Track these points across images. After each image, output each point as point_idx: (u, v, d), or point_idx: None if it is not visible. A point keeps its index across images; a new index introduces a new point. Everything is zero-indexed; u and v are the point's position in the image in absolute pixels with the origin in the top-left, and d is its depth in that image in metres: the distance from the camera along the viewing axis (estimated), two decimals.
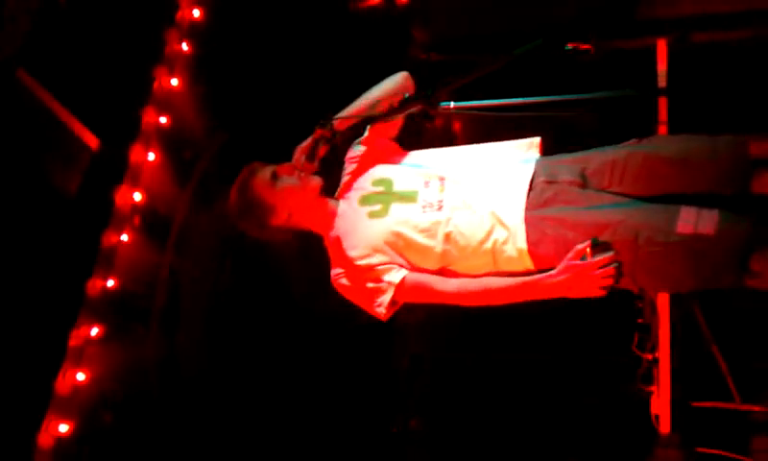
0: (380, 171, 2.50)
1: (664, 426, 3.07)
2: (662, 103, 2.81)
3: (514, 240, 2.23)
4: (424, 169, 2.44)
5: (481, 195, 2.31)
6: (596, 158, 2.33)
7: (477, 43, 3.37)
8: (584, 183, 2.28)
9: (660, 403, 3.07)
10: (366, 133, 2.61)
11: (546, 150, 2.45)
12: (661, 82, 2.91)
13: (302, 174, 2.42)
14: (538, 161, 2.37)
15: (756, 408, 3.01)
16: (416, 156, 2.56)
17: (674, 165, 2.20)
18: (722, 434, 3.05)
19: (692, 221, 2.04)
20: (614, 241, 2.09)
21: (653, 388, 3.11)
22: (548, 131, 2.45)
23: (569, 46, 2.26)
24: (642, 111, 2.83)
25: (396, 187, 2.43)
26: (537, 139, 2.45)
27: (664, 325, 3.07)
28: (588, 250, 2.09)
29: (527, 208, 2.24)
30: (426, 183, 2.39)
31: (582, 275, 2.09)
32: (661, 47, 2.99)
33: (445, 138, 3.14)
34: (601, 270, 2.07)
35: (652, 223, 2.08)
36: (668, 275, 2.12)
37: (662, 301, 3.06)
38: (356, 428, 3.55)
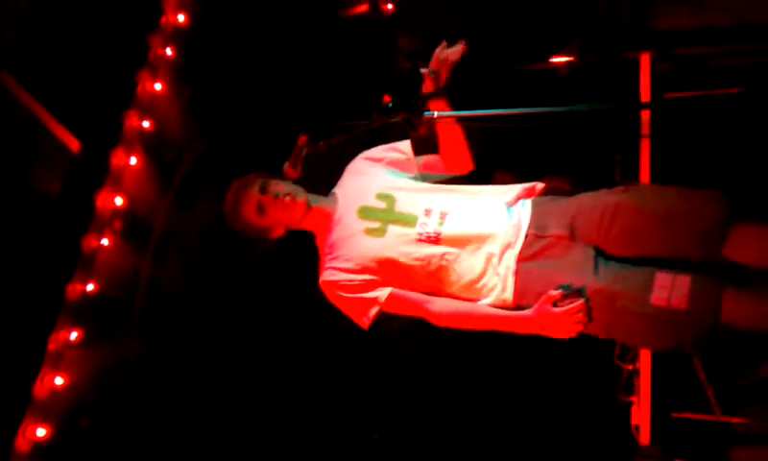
0: (386, 182, 2.57)
1: (644, 437, 3.09)
2: (645, 116, 2.84)
3: (503, 289, 2.34)
4: (428, 197, 2.50)
5: (479, 237, 2.39)
6: (585, 210, 2.38)
7: (463, 53, 3.38)
8: (571, 236, 2.35)
9: (641, 414, 3.09)
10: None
11: (532, 164, 2.47)
12: (644, 96, 2.93)
13: (287, 200, 2.48)
14: (532, 209, 2.45)
15: (736, 420, 3.03)
16: (422, 185, 2.60)
17: (656, 223, 2.27)
18: (702, 446, 3.07)
19: (666, 292, 2.15)
20: (592, 300, 2.21)
21: (633, 398, 3.13)
22: (532, 141, 2.46)
23: (554, 58, 2.27)
24: (625, 125, 2.86)
25: (398, 208, 2.49)
26: (540, 185, 2.52)
27: None
28: (560, 298, 2.21)
29: (518, 260, 2.34)
30: (427, 212, 2.45)
31: (552, 321, 2.24)
32: (645, 61, 3.02)
33: (428, 147, 3.15)
34: (571, 317, 2.21)
35: (629, 291, 2.20)
36: (645, 337, 2.30)
37: None
38: (339, 434, 3.54)
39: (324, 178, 2.64)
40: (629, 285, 2.21)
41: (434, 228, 2.41)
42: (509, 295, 2.33)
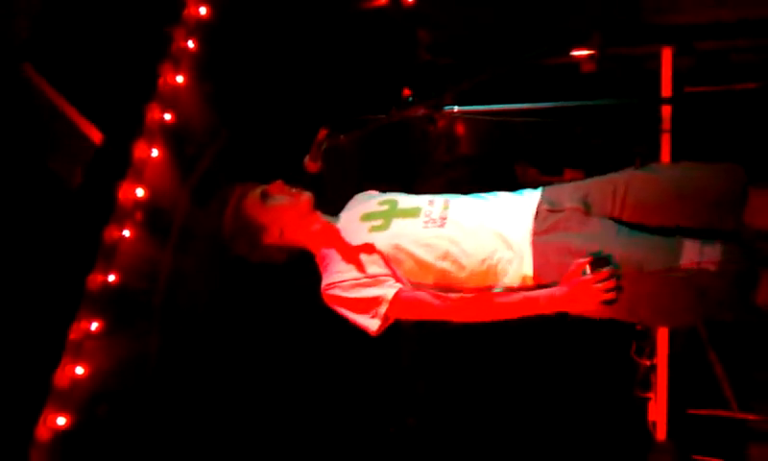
0: (387, 195, 2.51)
1: (661, 433, 3.09)
2: (666, 111, 2.82)
3: (519, 263, 2.21)
4: (430, 195, 2.43)
5: (486, 216, 2.29)
6: (597, 185, 2.32)
7: (483, 47, 3.38)
8: (586, 210, 2.26)
9: (658, 410, 3.08)
10: None
11: (550, 160, 2.46)
12: (666, 90, 2.91)
13: (294, 190, 2.43)
14: (541, 191, 2.36)
15: (753, 417, 3.02)
16: None
17: (672, 193, 2.20)
18: (718, 442, 3.06)
19: (695, 255, 2.05)
20: (620, 275, 2.09)
21: (650, 395, 3.12)
22: (550, 138, 2.46)
23: (575, 52, 2.27)
24: (646, 120, 2.84)
25: (400, 205, 2.42)
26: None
27: (663, 332, 3.08)
28: (588, 266, 2.09)
29: (533, 235, 2.23)
30: (431, 202, 2.38)
31: (582, 289, 2.09)
32: (666, 55, 3.00)
33: (448, 141, 3.16)
34: (601, 284, 2.08)
35: (656, 256, 2.08)
36: (670, 308, 2.14)
37: None
38: (355, 427, 3.55)
39: (341, 179, 2.61)
40: (656, 250, 2.09)
41: (439, 213, 2.31)
42: (528, 269, 2.20)
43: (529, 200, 2.31)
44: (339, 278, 2.33)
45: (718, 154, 2.27)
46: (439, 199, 2.38)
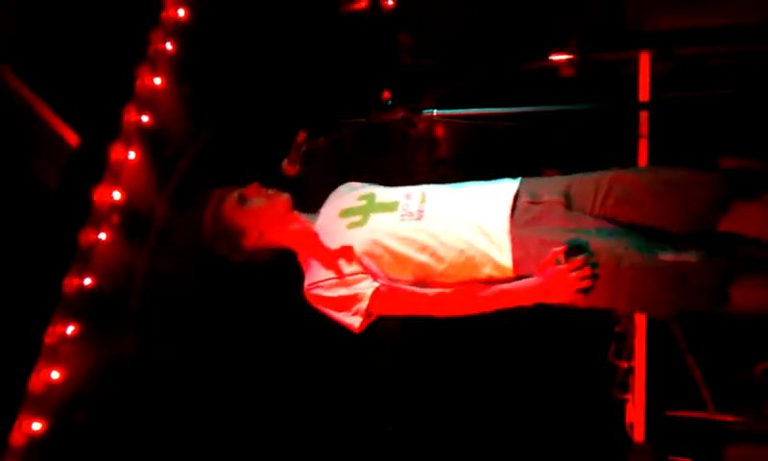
0: (365, 189, 2.51)
1: (639, 434, 3.10)
2: (644, 117, 2.83)
3: (498, 254, 2.21)
4: (408, 186, 2.43)
5: (463, 208, 2.30)
6: (579, 181, 2.32)
7: (463, 50, 3.38)
8: (567, 204, 2.26)
9: (635, 411, 3.10)
10: None
11: (528, 163, 2.47)
12: (643, 95, 2.93)
13: (271, 192, 2.42)
14: (521, 182, 2.36)
15: (730, 418, 3.05)
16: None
17: (653, 197, 2.21)
18: (696, 443, 3.08)
19: (674, 253, 2.07)
20: (597, 263, 2.09)
21: (628, 396, 3.14)
22: (529, 141, 2.47)
23: (553, 56, 2.27)
24: (624, 125, 2.86)
25: (378, 200, 2.42)
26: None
27: (641, 334, 3.10)
28: (562, 255, 2.09)
29: (512, 227, 2.23)
30: (408, 196, 2.38)
31: (556, 278, 2.10)
32: (644, 60, 3.02)
33: (428, 144, 3.16)
34: (576, 272, 2.09)
35: (635, 250, 2.09)
36: (649, 295, 2.13)
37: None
38: (335, 429, 3.54)
39: (320, 181, 2.60)
40: (634, 245, 2.11)
41: (416, 207, 2.32)
42: (507, 261, 2.19)
43: (507, 189, 2.32)
44: (320, 277, 2.34)
45: (695, 159, 2.29)
46: (416, 191, 2.38)
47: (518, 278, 2.21)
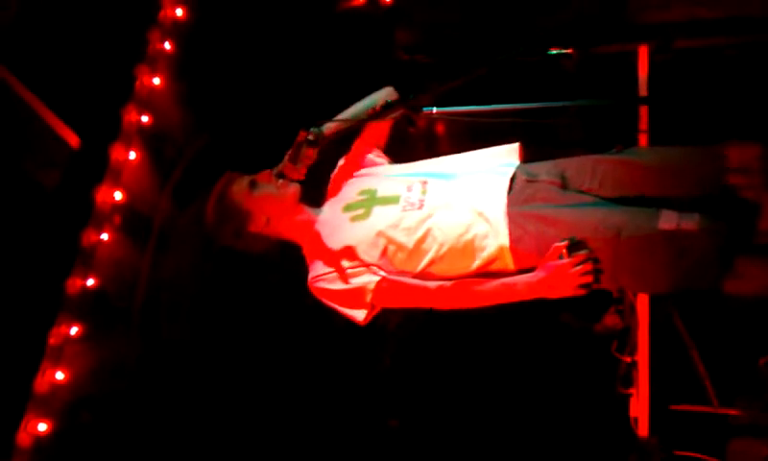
0: (366, 183, 2.53)
1: (643, 429, 3.10)
2: (643, 111, 2.82)
3: (495, 235, 2.23)
4: (408, 176, 2.46)
5: (462, 193, 2.32)
6: (576, 161, 2.36)
7: (462, 46, 3.37)
8: (564, 184, 2.30)
9: (639, 406, 3.09)
10: (350, 149, 2.63)
11: (527, 157, 2.47)
12: (642, 89, 2.91)
13: (281, 181, 2.43)
14: (518, 165, 2.39)
15: (734, 412, 3.04)
16: (401, 166, 2.59)
17: (652, 170, 2.24)
18: (700, 437, 3.08)
19: (674, 219, 2.07)
20: (596, 238, 2.12)
21: (632, 391, 3.13)
22: (529, 137, 2.46)
23: (552, 51, 2.27)
24: (623, 120, 2.84)
25: (380, 194, 2.45)
26: (515, 145, 2.47)
27: (644, 328, 3.09)
28: (564, 250, 2.12)
29: (508, 205, 2.25)
30: (409, 188, 2.40)
31: (559, 273, 2.11)
32: (643, 53, 3.00)
33: (428, 142, 3.15)
34: (578, 267, 2.10)
35: (634, 220, 2.11)
36: (650, 271, 2.14)
37: (642, 303, 3.08)
38: (338, 427, 3.55)
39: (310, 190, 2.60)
40: (634, 215, 2.12)
41: (418, 197, 2.35)
42: (504, 239, 2.20)
43: (503, 172, 2.34)
44: (324, 270, 2.38)
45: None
46: (416, 182, 2.40)
47: (519, 270, 2.22)
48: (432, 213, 2.30)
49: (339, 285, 2.35)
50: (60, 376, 2.79)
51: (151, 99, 3.12)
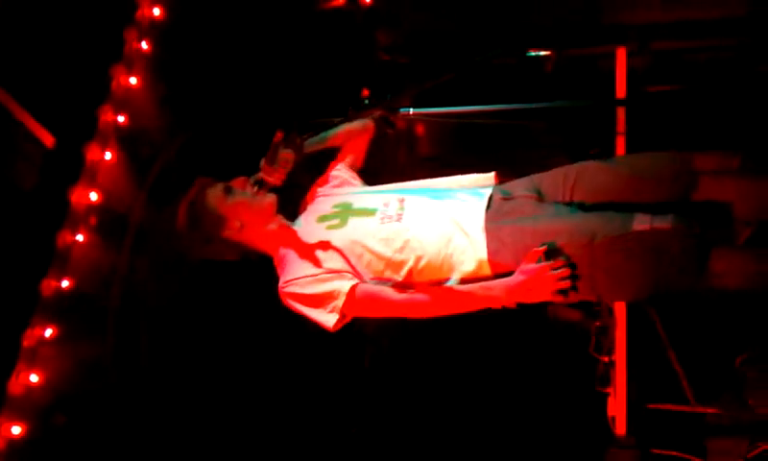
0: (340, 198, 2.52)
1: (620, 428, 3.12)
2: (621, 113, 2.84)
3: (474, 249, 2.22)
4: (384, 193, 2.46)
5: (440, 209, 2.32)
6: (549, 174, 2.39)
7: (441, 47, 3.38)
8: (539, 197, 2.33)
9: (617, 405, 3.12)
10: (326, 170, 2.63)
11: (505, 159, 2.49)
12: (620, 91, 2.93)
13: (257, 189, 2.41)
14: (493, 188, 2.41)
15: (711, 410, 3.07)
16: (376, 187, 2.59)
17: (624, 177, 2.26)
18: (677, 436, 3.10)
19: (648, 221, 2.08)
20: (572, 244, 2.13)
21: (609, 390, 3.16)
22: (506, 138, 2.48)
23: (531, 52, 2.28)
24: (601, 121, 2.86)
25: (356, 206, 2.44)
26: (491, 173, 2.48)
27: (621, 328, 3.11)
28: (542, 254, 2.12)
29: (486, 221, 2.25)
30: (386, 204, 2.40)
31: (536, 276, 2.11)
32: (621, 55, 3.01)
33: (406, 143, 3.15)
34: (555, 272, 2.11)
35: (608, 224, 2.12)
36: (627, 274, 2.13)
37: (620, 304, 3.10)
38: (314, 430, 3.55)
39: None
40: (608, 219, 2.13)
41: (396, 211, 2.34)
42: (482, 253, 2.21)
43: (482, 193, 2.36)
44: (296, 274, 2.34)
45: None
46: (393, 198, 2.39)
47: (496, 275, 2.21)
48: (410, 227, 2.28)
49: (311, 289, 2.30)
50: (34, 378, 2.75)
51: (127, 99, 3.09)
